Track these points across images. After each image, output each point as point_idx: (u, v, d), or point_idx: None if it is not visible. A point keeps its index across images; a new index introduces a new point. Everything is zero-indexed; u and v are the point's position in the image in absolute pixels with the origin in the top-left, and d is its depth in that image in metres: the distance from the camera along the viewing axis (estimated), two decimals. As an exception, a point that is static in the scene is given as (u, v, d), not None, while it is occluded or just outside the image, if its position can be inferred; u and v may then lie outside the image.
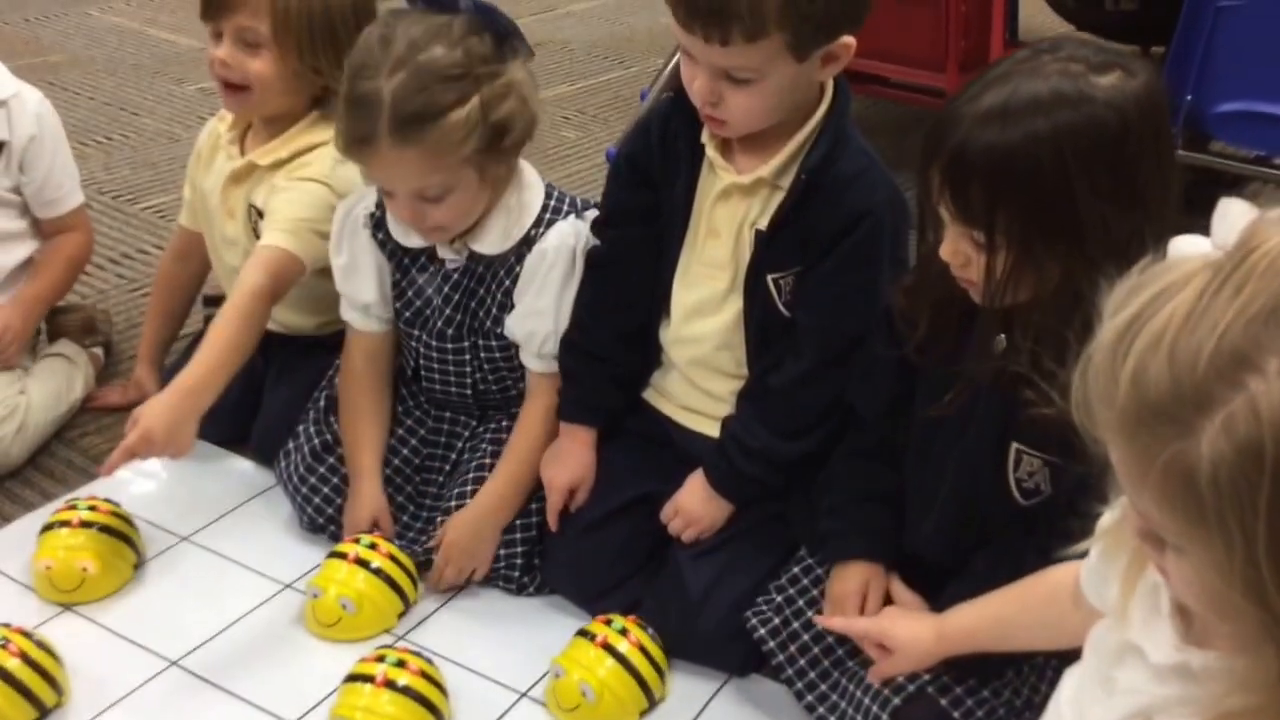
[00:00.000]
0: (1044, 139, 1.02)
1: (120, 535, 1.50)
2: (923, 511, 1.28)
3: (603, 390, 1.50)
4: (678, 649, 1.39)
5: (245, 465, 1.72)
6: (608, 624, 1.35)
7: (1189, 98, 1.91)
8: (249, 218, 1.68)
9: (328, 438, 1.59)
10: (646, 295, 1.47)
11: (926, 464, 1.26)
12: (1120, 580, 0.84)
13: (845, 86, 1.35)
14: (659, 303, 1.46)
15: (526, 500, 1.50)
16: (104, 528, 1.49)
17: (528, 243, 1.48)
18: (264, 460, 1.69)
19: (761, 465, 1.39)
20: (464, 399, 1.59)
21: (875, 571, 1.30)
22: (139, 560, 1.53)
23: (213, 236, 1.76)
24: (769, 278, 1.36)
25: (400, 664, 1.29)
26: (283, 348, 1.74)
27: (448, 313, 1.53)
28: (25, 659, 1.29)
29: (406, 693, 1.27)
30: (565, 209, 1.51)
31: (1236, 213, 0.69)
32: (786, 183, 1.33)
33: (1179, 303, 0.66)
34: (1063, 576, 1.00)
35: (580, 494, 1.48)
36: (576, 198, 1.55)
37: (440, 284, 1.52)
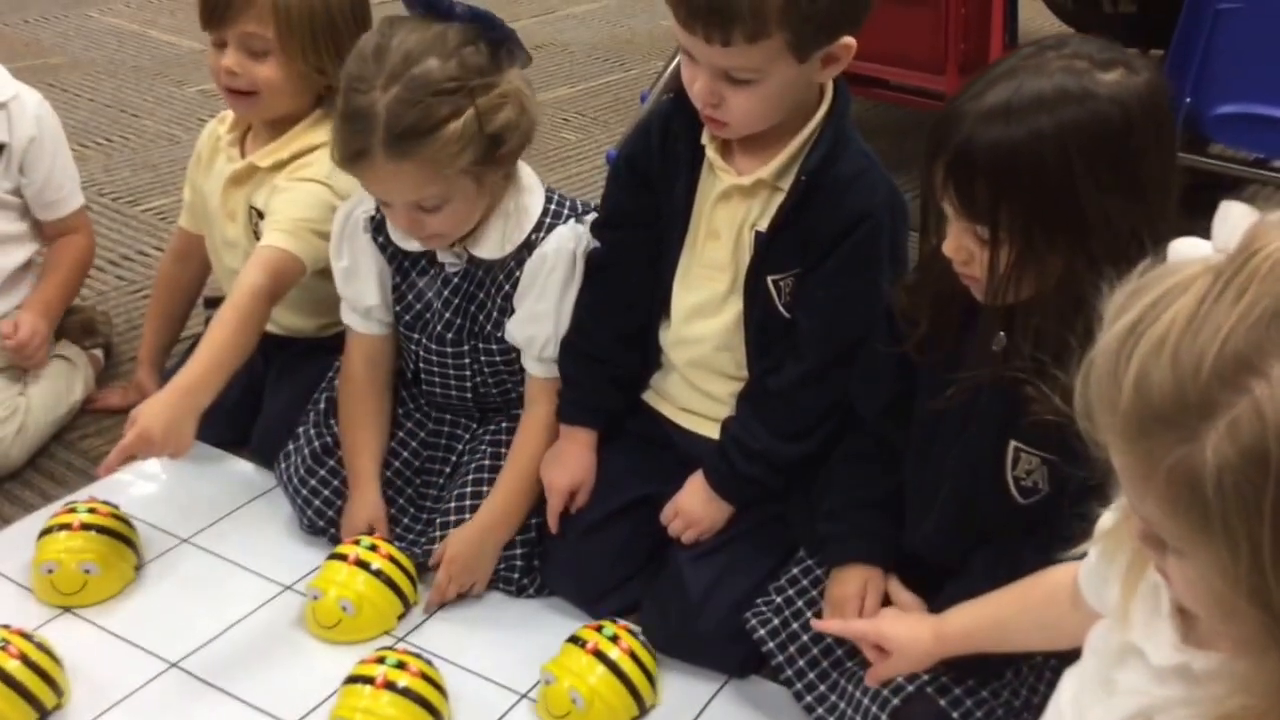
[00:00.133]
0: (1048, 135, 1.02)
1: (121, 537, 1.50)
2: (922, 511, 1.28)
3: (603, 392, 1.50)
4: (677, 650, 1.39)
5: (245, 467, 1.72)
6: (598, 630, 1.34)
7: (1188, 100, 1.91)
8: (249, 219, 1.68)
9: (328, 440, 1.59)
10: (646, 297, 1.47)
11: (926, 463, 1.27)
12: (1121, 582, 0.84)
13: (844, 88, 1.36)
14: (659, 304, 1.46)
15: (528, 514, 1.50)
16: (104, 530, 1.49)
17: (528, 247, 1.48)
18: (264, 462, 1.69)
19: (761, 467, 1.39)
20: (464, 402, 1.59)
21: (874, 574, 1.30)
22: (139, 562, 1.53)
23: (213, 238, 1.76)
24: (769, 279, 1.36)
25: (400, 665, 1.29)
26: (283, 349, 1.74)
27: (447, 316, 1.53)
28: (25, 660, 1.29)
29: (406, 694, 1.27)
30: (565, 213, 1.51)
31: (1237, 216, 0.69)
32: (786, 184, 1.33)
33: (1181, 307, 0.66)
34: (1061, 577, 1.00)
35: (580, 496, 1.48)
36: (576, 200, 1.55)
37: (440, 288, 1.52)
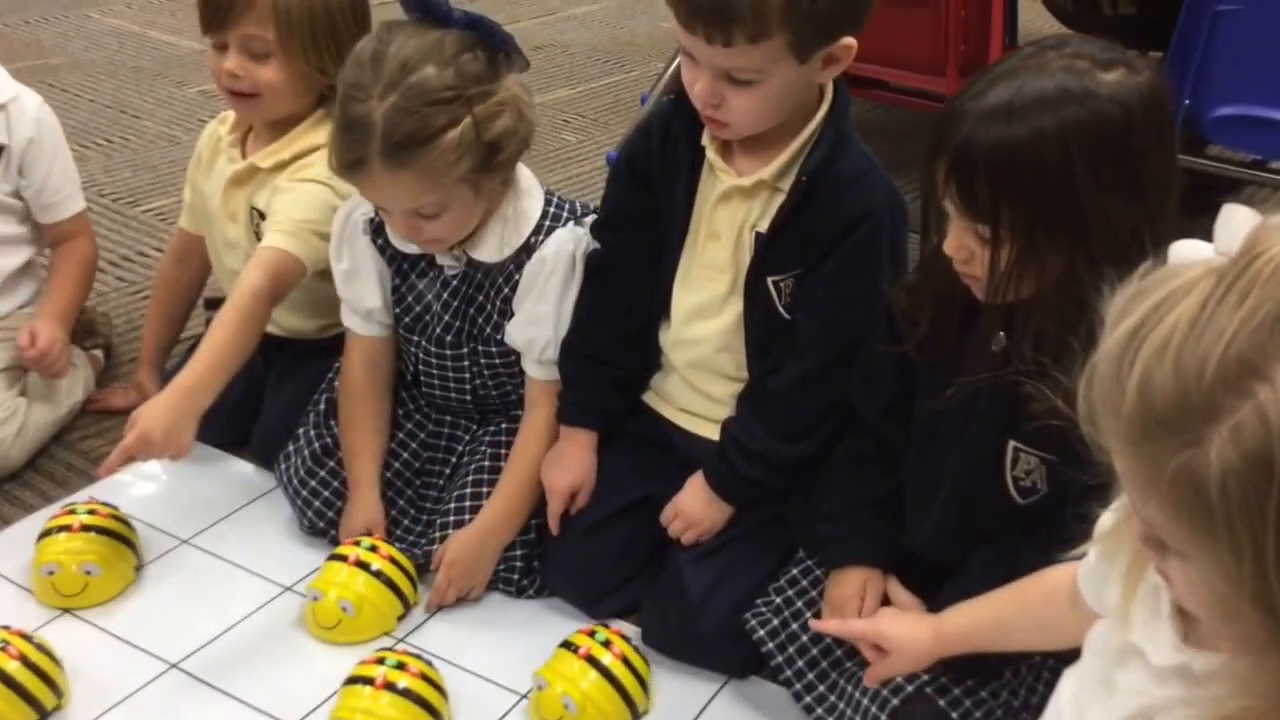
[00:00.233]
0: (1050, 135, 1.03)
1: (121, 538, 1.50)
2: (922, 511, 1.28)
3: (603, 393, 1.50)
4: (677, 651, 1.40)
5: (245, 468, 1.72)
6: (591, 635, 1.33)
7: (1186, 102, 1.91)
8: (251, 220, 1.68)
9: (328, 441, 1.59)
10: (646, 298, 1.47)
11: (926, 463, 1.27)
12: (1121, 583, 0.84)
13: (844, 89, 1.36)
14: (659, 306, 1.47)
15: (528, 517, 1.50)
16: (105, 531, 1.49)
17: (526, 250, 1.48)
18: (264, 463, 1.69)
19: (762, 468, 1.39)
20: (463, 404, 1.59)
21: (873, 576, 1.30)
22: (139, 563, 1.52)
23: (214, 239, 1.76)
24: (769, 280, 1.36)
25: (400, 666, 1.29)
26: (283, 350, 1.74)
27: (446, 319, 1.53)
28: (25, 661, 1.29)
29: (406, 695, 1.27)
30: (565, 216, 1.51)
31: (1240, 219, 0.69)
32: (787, 185, 1.33)
33: (1183, 310, 0.66)
34: (1060, 577, 1.01)
35: (580, 497, 1.48)
36: (576, 203, 1.55)
37: (440, 290, 1.52)
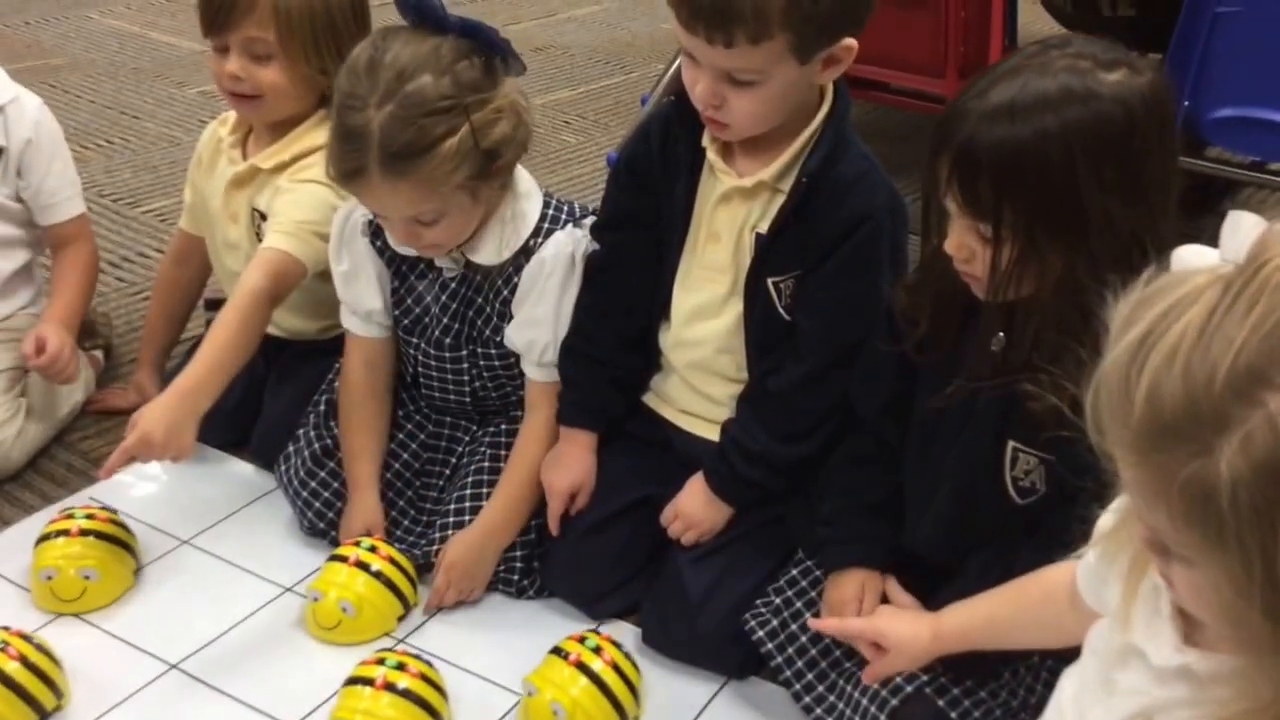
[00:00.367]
0: (1053, 135, 1.03)
1: (119, 542, 1.49)
2: (921, 511, 1.29)
3: (603, 394, 1.50)
4: (677, 651, 1.40)
5: (246, 469, 1.72)
6: (581, 642, 1.33)
7: (1185, 104, 1.91)
8: (252, 221, 1.68)
9: (328, 442, 1.59)
10: (646, 299, 1.47)
11: (925, 464, 1.27)
12: (1121, 584, 0.84)
13: (844, 91, 1.36)
14: (659, 307, 1.47)
15: (528, 518, 1.50)
16: (103, 535, 1.48)
17: (525, 253, 1.48)
18: (264, 464, 1.69)
19: (762, 469, 1.40)
20: (463, 405, 1.60)
21: (872, 577, 1.30)
22: (137, 568, 1.52)
23: (214, 240, 1.76)
24: (769, 281, 1.37)
25: (400, 667, 1.29)
26: (283, 351, 1.74)
27: (445, 321, 1.53)
28: (25, 662, 1.29)
29: (406, 695, 1.27)
30: (563, 218, 1.50)
31: (1247, 225, 0.68)
32: (787, 186, 1.33)
33: (1191, 319, 0.66)
34: (1059, 576, 1.01)
35: (580, 498, 1.48)
36: (575, 204, 1.55)
37: (438, 292, 1.52)
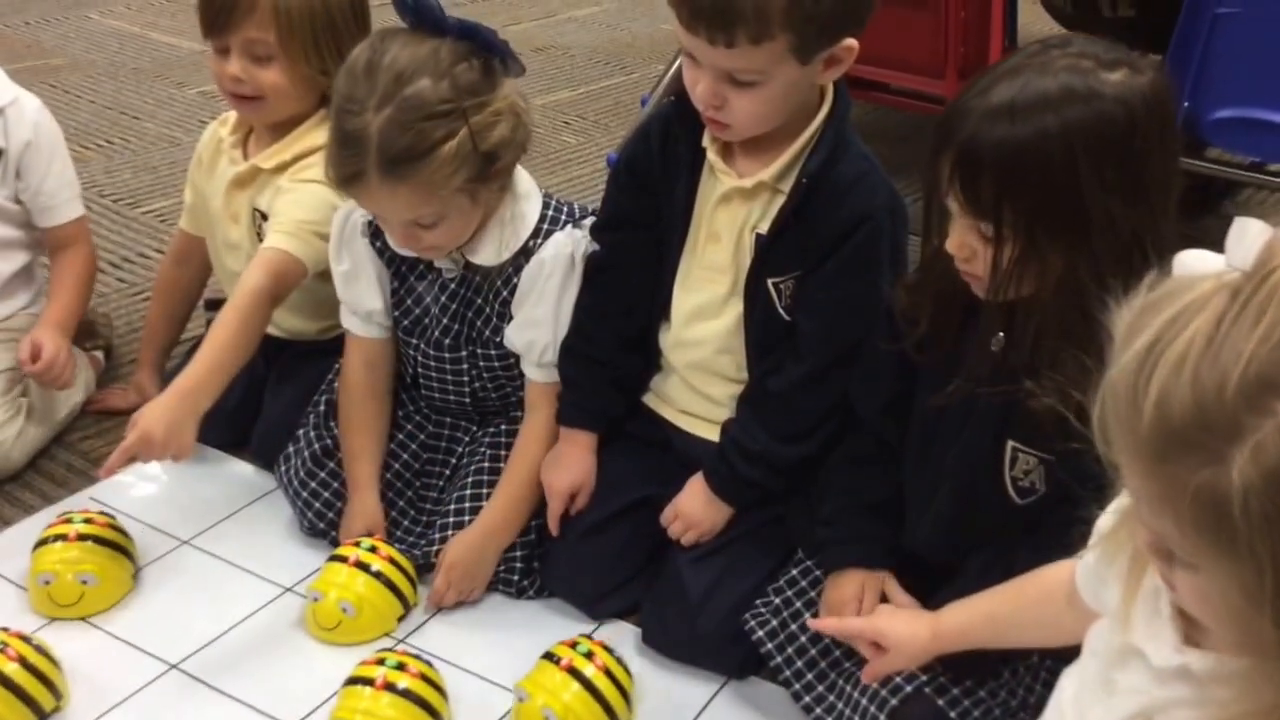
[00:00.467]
0: (1054, 135, 1.03)
1: (118, 547, 1.49)
2: (921, 511, 1.29)
3: (603, 395, 1.50)
4: (677, 652, 1.40)
5: (246, 469, 1.72)
6: (573, 647, 1.32)
7: (1185, 104, 1.91)
8: (253, 222, 1.68)
9: (328, 442, 1.59)
10: (646, 300, 1.47)
11: (925, 463, 1.27)
12: (1120, 584, 0.84)
13: (844, 91, 1.36)
14: (659, 307, 1.47)
15: (528, 519, 1.50)
16: (101, 540, 1.47)
17: (525, 254, 1.48)
18: (264, 464, 1.69)
19: (762, 469, 1.40)
20: (462, 406, 1.60)
21: (872, 578, 1.30)
22: (136, 572, 1.51)
23: (215, 241, 1.76)
24: (769, 282, 1.37)
25: (400, 667, 1.29)
26: (284, 352, 1.74)
27: (445, 322, 1.53)
28: (24, 663, 1.29)
29: (406, 695, 1.27)
30: (563, 219, 1.50)
31: (1254, 233, 0.68)
32: (787, 186, 1.34)
33: (1199, 327, 0.66)
34: (1058, 575, 1.01)
35: (580, 498, 1.48)
36: (574, 205, 1.55)
37: (438, 293, 1.52)
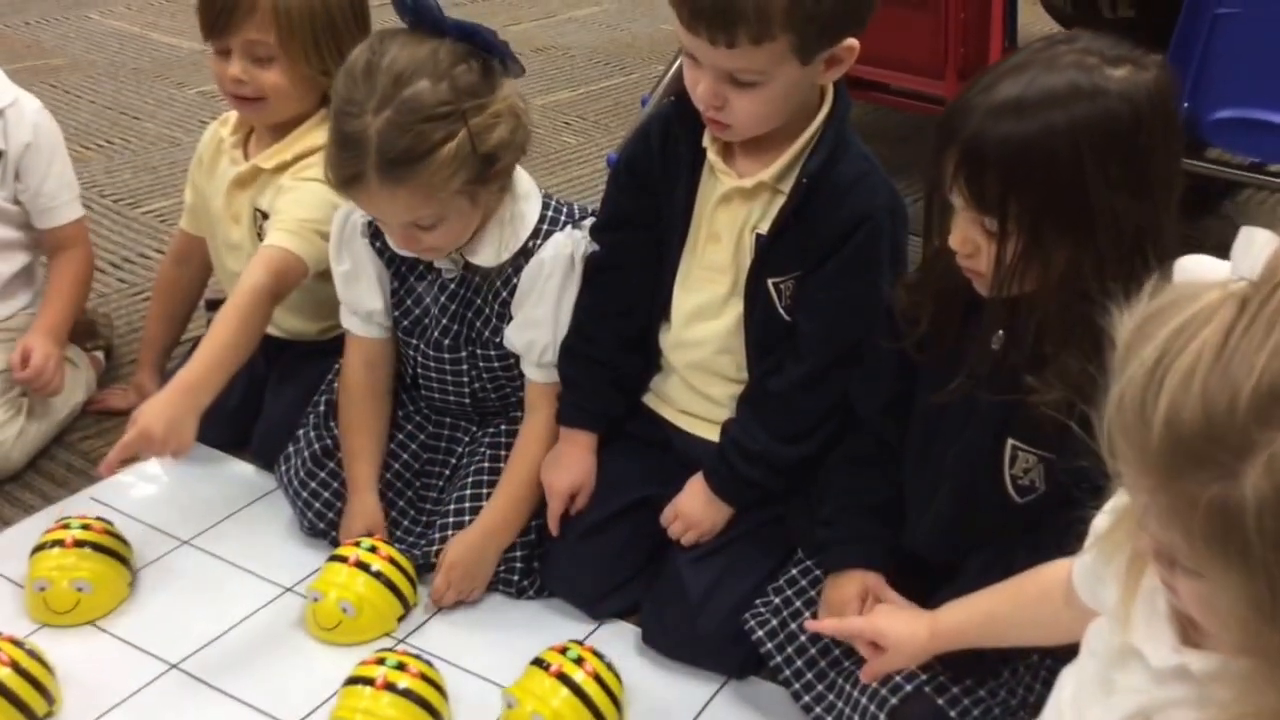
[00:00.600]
0: (1060, 131, 1.03)
1: (114, 554, 1.47)
2: (921, 509, 1.29)
3: (603, 395, 1.50)
4: (677, 652, 1.40)
5: (246, 469, 1.72)
6: (562, 653, 1.31)
7: (1185, 105, 1.91)
8: (254, 222, 1.68)
9: (328, 443, 1.59)
10: (646, 300, 1.47)
11: (925, 462, 1.27)
12: (1118, 584, 0.84)
13: (844, 91, 1.36)
14: (659, 307, 1.47)
15: (528, 519, 1.50)
16: (98, 547, 1.46)
17: (524, 254, 1.48)
18: (265, 464, 1.69)
19: (762, 469, 1.40)
20: (462, 406, 1.60)
21: (872, 578, 1.30)
22: (133, 579, 1.50)
23: (216, 241, 1.76)
24: (770, 282, 1.37)
25: (400, 667, 1.29)
26: (284, 352, 1.74)
27: (444, 322, 1.53)
28: (16, 668, 1.28)
29: (407, 695, 1.27)
30: (563, 219, 1.50)
31: (1261, 242, 0.68)
32: (787, 187, 1.34)
33: (1207, 340, 0.65)
34: (1056, 574, 1.01)
35: (580, 498, 1.48)
36: (574, 205, 1.55)
37: (437, 294, 1.52)
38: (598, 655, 1.33)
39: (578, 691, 1.28)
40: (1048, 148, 1.03)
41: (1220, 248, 0.74)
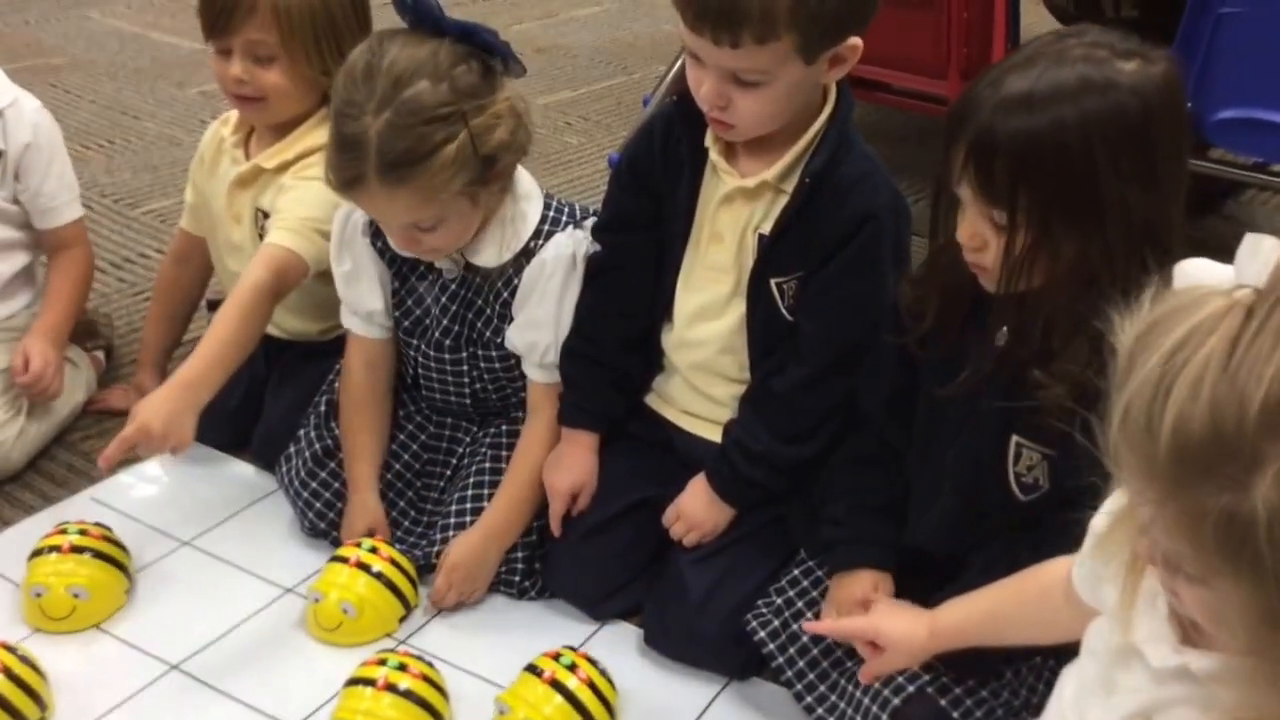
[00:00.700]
0: (1072, 125, 1.03)
1: (112, 560, 1.46)
2: (925, 507, 1.28)
3: (604, 395, 1.50)
4: (678, 652, 1.40)
5: (247, 470, 1.72)
6: (556, 659, 1.30)
7: (1188, 105, 1.91)
8: (255, 222, 1.68)
9: (328, 443, 1.59)
10: (648, 300, 1.47)
11: (929, 459, 1.27)
12: (1118, 584, 0.84)
13: (847, 91, 1.36)
14: (661, 307, 1.47)
15: (530, 520, 1.49)
16: (95, 552, 1.45)
17: (526, 255, 1.47)
18: (265, 465, 1.69)
19: (764, 470, 1.39)
20: (463, 407, 1.59)
21: (878, 577, 1.30)
22: (130, 586, 1.48)
23: (217, 241, 1.76)
24: (772, 282, 1.36)
25: (401, 668, 1.29)
26: (285, 353, 1.74)
27: (445, 323, 1.53)
28: (8, 674, 1.27)
29: (408, 696, 1.27)
30: (564, 220, 1.50)
31: (1267, 250, 0.67)
32: (790, 186, 1.33)
33: (1213, 350, 0.65)
34: (1055, 572, 1.01)
35: (582, 499, 1.48)
36: (576, 206, 1.55)
37: (438, 294, 1.52)
38: (591, 661, 1.32)
39: (571, 698, 1.27)
40: (1059, 141, 1.03)
41: (1223, 249, 0.73)
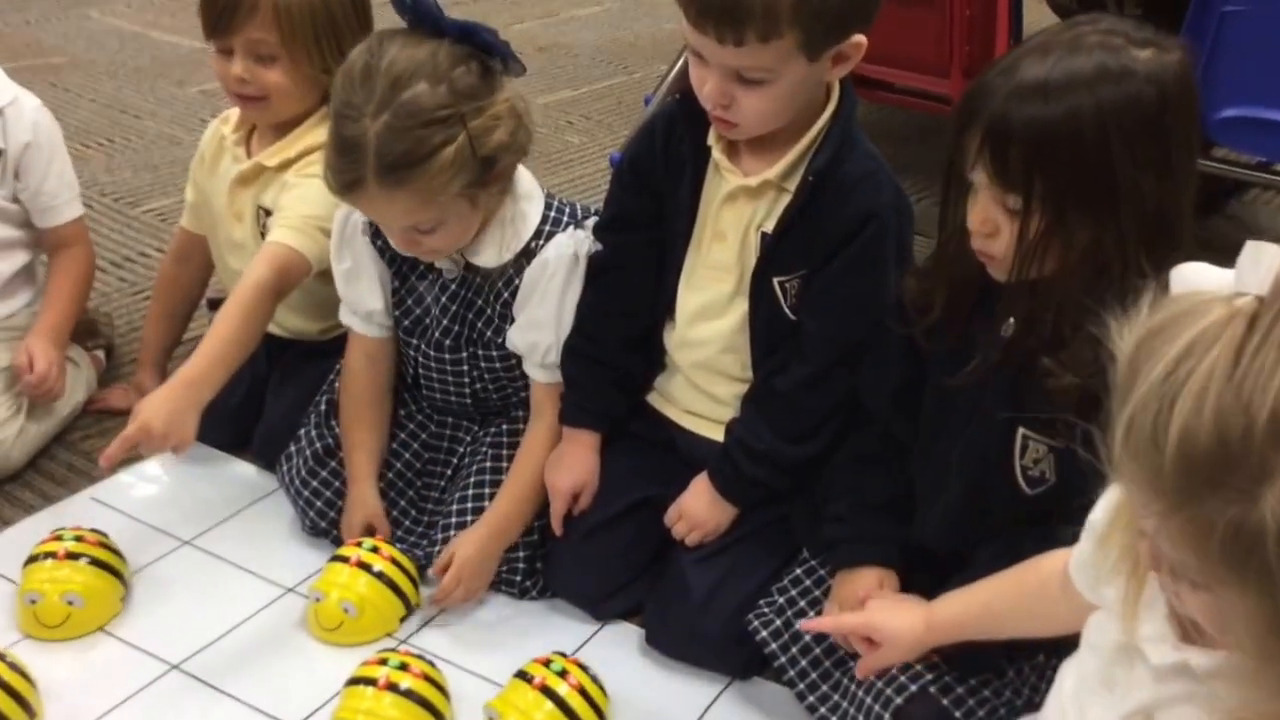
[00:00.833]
0: (1088, 113, 1.03)
1: (108, 568, 1.45)
2: (930, 502, 1.28)
3: (606, 395, 1.50)
4: (680, 652, 1.39)
5: (247, 469, 1.72)
6: (546, 665, 1.29)
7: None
8: (257, 220, 1.68)
9: (329, 442, 1.59)
10: (650, 299, 1.47)
11: (934, 454, 1.27)
12: (1119, 582, 0.84)
13: (850, 89, 1.35)
14: (663, 307, 1.46)
15: (532, 520, 1.49)
16: (91, 559, 1.44)
17: (526, 255, 1.47)
18: (266, 464, 1.69)
19: (766, 469, 1.39)
20: (464, 406, 1.59)
21: (883, 575, 1.30)
22: (125, 594, 1.47)
23: (218, 240, 1.76)
24: (775, 281, 1.36)
25: (403, 667, 1.28)
26: (285, 352, 1.74)
27: (445, 323, 1.52)
28: None
29: (409, 696, 1.26)
30: (565, 220, 1.49)
31: (1269, 257, 0.67)
32: (793, 185, 1.33)
33: (1217, 361, 0.65)
34: (1053, 565, 1.01)
35: (584, 498, 1.47)
36: (577, 205, 1.54)
37: (439, 294, 1.52)
38: (582, 667, 1.31)
39: (561, 705, 1.26)
40: (1075, 129, 1.03)
41: (1226, 249, 0.73)
